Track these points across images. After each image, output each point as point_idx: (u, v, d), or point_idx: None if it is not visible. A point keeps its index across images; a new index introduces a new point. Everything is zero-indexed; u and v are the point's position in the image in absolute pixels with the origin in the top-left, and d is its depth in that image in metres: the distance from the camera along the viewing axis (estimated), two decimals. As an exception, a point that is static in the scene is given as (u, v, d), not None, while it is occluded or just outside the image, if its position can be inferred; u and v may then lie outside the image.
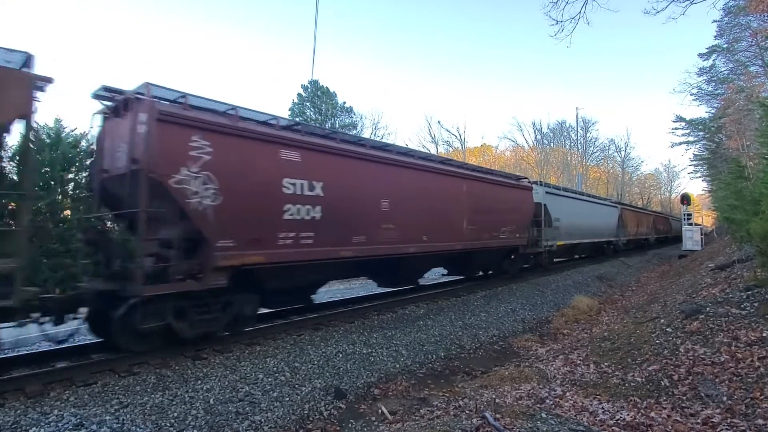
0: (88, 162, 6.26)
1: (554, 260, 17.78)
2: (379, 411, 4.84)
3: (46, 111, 18.30)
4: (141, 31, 66.62)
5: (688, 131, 34.03)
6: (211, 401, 4.52)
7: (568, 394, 4.55)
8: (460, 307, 9.42)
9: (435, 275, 14.41)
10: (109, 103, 5.90)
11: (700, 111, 45.66)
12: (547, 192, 15.49)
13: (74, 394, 4.40)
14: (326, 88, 29.62)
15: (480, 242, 10.93)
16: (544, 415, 3.68)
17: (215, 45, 71.91)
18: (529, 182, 14.71)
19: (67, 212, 5.99)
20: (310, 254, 6.63)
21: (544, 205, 14.71)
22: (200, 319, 5.75)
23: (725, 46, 23.51)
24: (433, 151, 41.36)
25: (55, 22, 62.54)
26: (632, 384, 4.60)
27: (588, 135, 54.20)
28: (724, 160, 24.22)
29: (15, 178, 5.06)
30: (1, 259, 4.08)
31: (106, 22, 63.49)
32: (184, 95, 5.69)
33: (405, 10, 79.69)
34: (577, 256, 21.87)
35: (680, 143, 35.24)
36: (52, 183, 5.81)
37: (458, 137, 46.27)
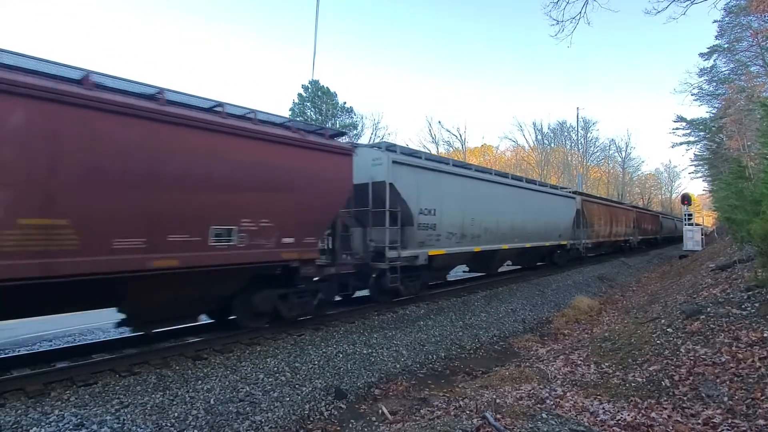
0: None
1: (447, 279, 12.10)
2: (380, 411, 4.84)
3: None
4: (141, 30, 66.71)
5: (688, 131, 33.95)
6: (212, 401, 4.52)
7: (568, 394, 4.55)
8: (460, 307, 9.42)
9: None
10: None
11: (701, 111, 45.64)
12: (397, 162, 8.52)
13: (75, 394, 4.40)
14: (326, 88, 29.67)
15: (92, 258, 4.56)
16: (544, 415, 3.68)
17: (216, 45, 71.97)
18: (349, 141, 8.49)
19: None
20: None
21: (390, 184, 8.29)
22: None
23: (726, 46, 23.47)
24: (434, 152, 41.25)
25: (53, 21, 62.63)
26: (633, 384, 4.59)
27: (588, 135, 54.27)
28: (725, 161, 24.14)
29: None
30: None
31: (105, 21, 63.60)
32: None
33: (405, 10, 79.76)
34: (516, 266, 16.51)
35: (681, 143, 35.14)
36: None
37: (459, 137, 46.33)
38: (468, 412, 4.13)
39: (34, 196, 4.22)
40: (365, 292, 9.39)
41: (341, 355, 6.11)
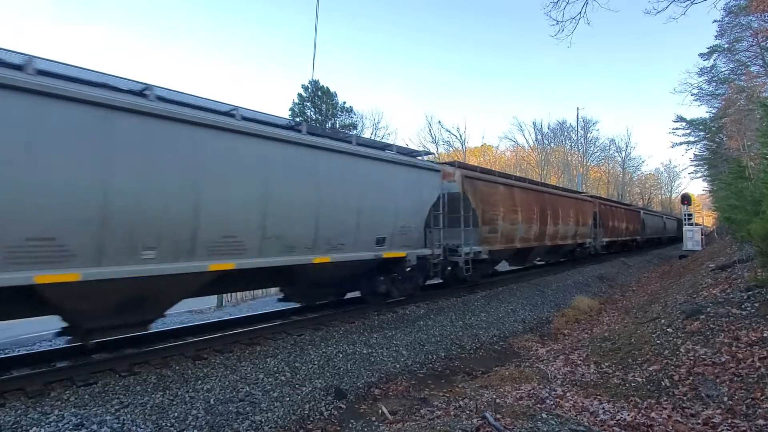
0: None
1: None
2: (380, 411, 4.84)
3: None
4: (140, 30, 66.69)
5: (688, 131, 34.02)
6: (212, 401, 4.52)
7: (568, 394, 4.55)
8: (460, 307, 9.41)
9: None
10: None
11: (701, 111, 45.68)
12: None
13: (75, 394, 4.41)
14: (326, 88, 29.63)
15: None
16: (544, 415, 3.68)
17: (215, 45, 71.94)
18: None
19: None
20: None
21: None
22: None
23: (726, 46, 23.48)
24: (433, 151, 41.26)
25: (53, 20, 62.57)
26: (633, 384, 4.59)
27: (588, 135, 54.24)
28: (725, 161, 24.15)
29: None
30: None
31: (105, 20, 63.56)
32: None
33: (406, 10, 79.74)
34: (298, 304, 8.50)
35: (681, 143, 35.23)
36: None
37: (458, 137, 46.34)
38: (468, 412, 4.13)
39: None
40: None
41: (341, 355, 6.11)
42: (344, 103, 30.65)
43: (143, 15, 66.15)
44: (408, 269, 9.05)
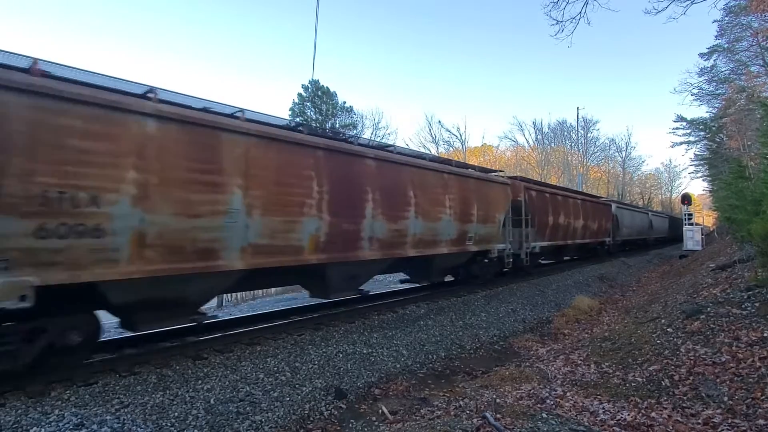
0: None
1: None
2: (380, 411, 4.84)
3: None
4: (140, 30, 66.66)
5: (689, 131, 33.94)
6: (212, 401, 4.52)
7: (568, 394, 4.55)
8: (460, 307, 9.41)
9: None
10: None
11: (701, 111, 45.67)
12: None
13: (75, 393, 4.40)
14: (326, 87, 29.65)
15: None
16: (544, 415, 3.68)
17: (216, 45, 71.92)
18: None
19: None
20: None
21: None
22: None
23: (726, 46, 23.44)
24: (433, 152, 41.31)
25: (53, 20, 62.52)
26: (633, 384, 4.59)
27: (588, 135, 54.21)
28: (725, 160, 24.09)
29: None
30: None
31: (105, 20, 63.54)
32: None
33: (406, 10, 79.72)
34: None
35: (681, 143, 35.15)
36: None
37: (459, 137, 46.36)
38: (468, 411, 4.13)
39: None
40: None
41: (341, 355, 6.11)
42: (344, 103, 30.69)
43: (139, 11, 66.13)
44: None
